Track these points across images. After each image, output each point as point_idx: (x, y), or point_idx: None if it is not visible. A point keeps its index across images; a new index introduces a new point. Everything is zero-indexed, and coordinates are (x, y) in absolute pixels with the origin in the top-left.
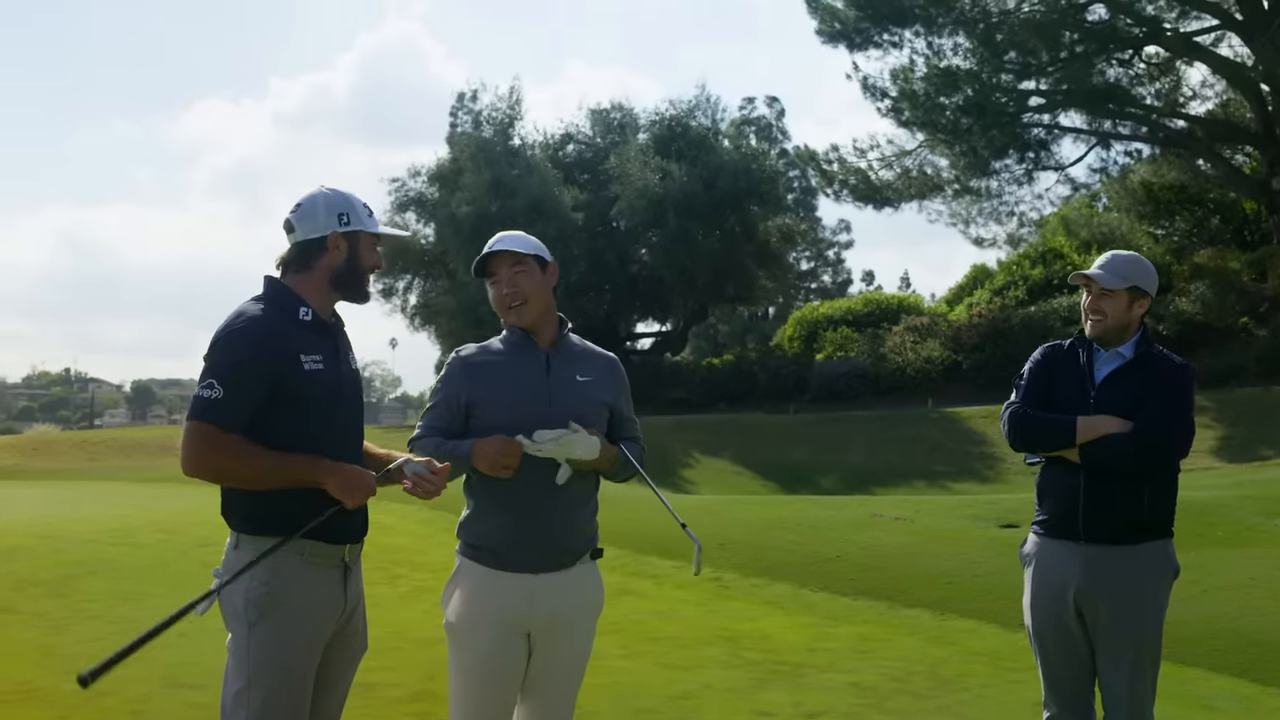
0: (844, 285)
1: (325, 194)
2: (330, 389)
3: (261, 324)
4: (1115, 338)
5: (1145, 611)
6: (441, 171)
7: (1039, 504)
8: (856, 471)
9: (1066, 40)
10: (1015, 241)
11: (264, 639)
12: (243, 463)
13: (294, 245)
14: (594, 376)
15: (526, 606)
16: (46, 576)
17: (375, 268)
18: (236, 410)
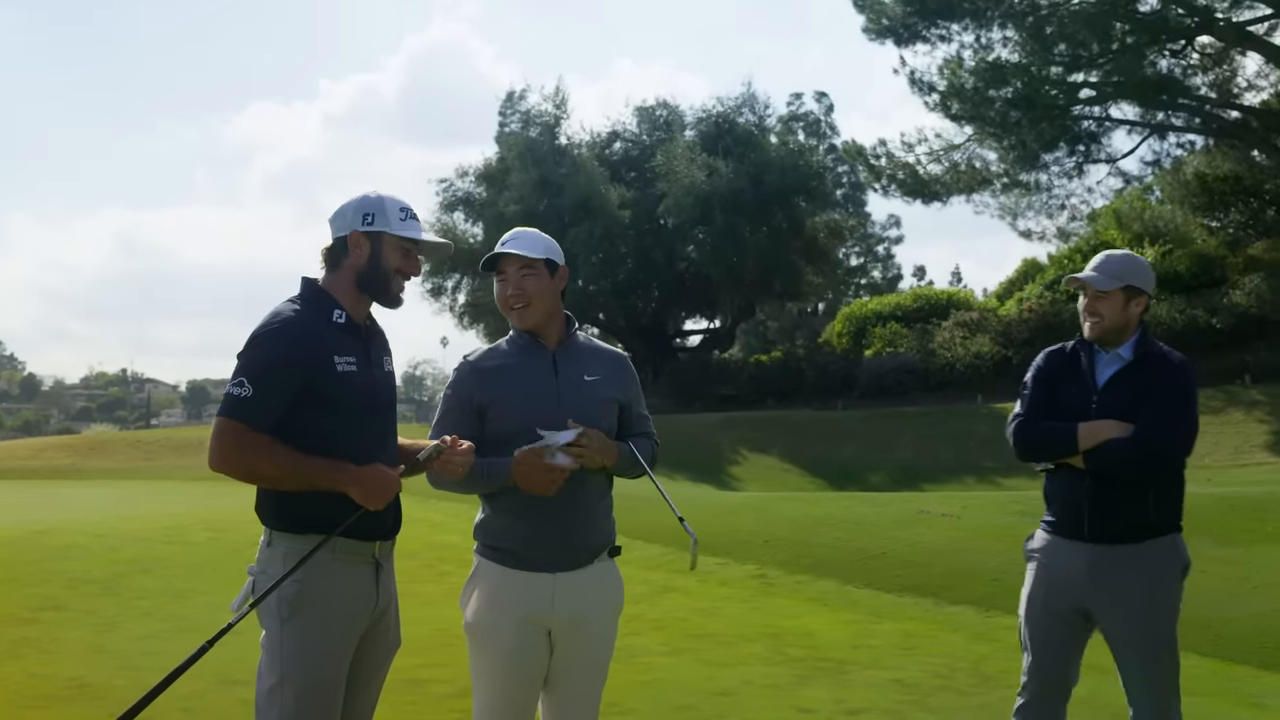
0: (894, 280)
1: (361, 196)
2: (363, 392)
3: (296, 325)
4: (1114, 338)
5: (1157, 609)
6: (489, 171)
7: (1048, 506)
8: (905, 468)
9: (1117, 31)
10: (1066, 235)
11: (297, 635)
12: (269, 462)
13: (329, 245)
14: (602, 375)
15: (547, 605)
16: (99, 574)
17: (402, 272)
18: (266, 409)
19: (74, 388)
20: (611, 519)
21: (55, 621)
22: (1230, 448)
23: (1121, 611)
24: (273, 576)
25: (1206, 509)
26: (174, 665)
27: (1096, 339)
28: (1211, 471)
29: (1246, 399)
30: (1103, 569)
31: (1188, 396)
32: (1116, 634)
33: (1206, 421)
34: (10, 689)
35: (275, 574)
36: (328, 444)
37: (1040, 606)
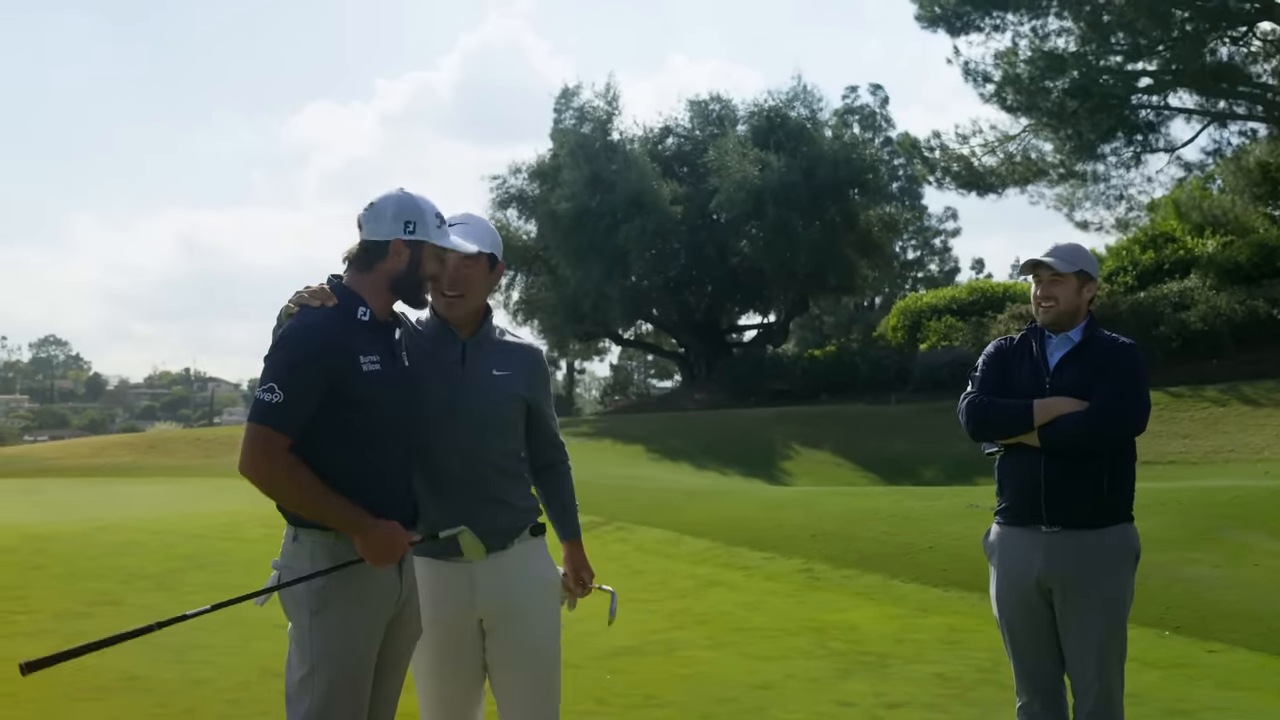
0: (951, 273)
1: (397, 197)
2: (387, 390)
3: (323, 326)
4: (1067, 322)
5: (1108, 596)
6: (542, 168)
7: (1000, 493)
8: (958, 462)
9: (1176, 19)
10: (1124, 225)
11: (326, 627)
12: (293, 482)
13: (360, 244)
14: (511, 370)
15: (468, 597)
16: (154, 570)
17: (435, 278)
18: (297, 414)
19: (138, 387)
20: (529, 497)
21: (109, 615)
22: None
23: (1075, 599)
24: (298, 571)
25: (1261, 501)
26: (221, 657)
27: (1050, 323)
28: (1270, 464)
29: None
30: (1058, 556)
31: (1137, 374)
32: (1070, 619)
33: (1267, 414)
34: (63, 681)
35: (301, 569)
36: (355, 444)
37: (1010, 605)
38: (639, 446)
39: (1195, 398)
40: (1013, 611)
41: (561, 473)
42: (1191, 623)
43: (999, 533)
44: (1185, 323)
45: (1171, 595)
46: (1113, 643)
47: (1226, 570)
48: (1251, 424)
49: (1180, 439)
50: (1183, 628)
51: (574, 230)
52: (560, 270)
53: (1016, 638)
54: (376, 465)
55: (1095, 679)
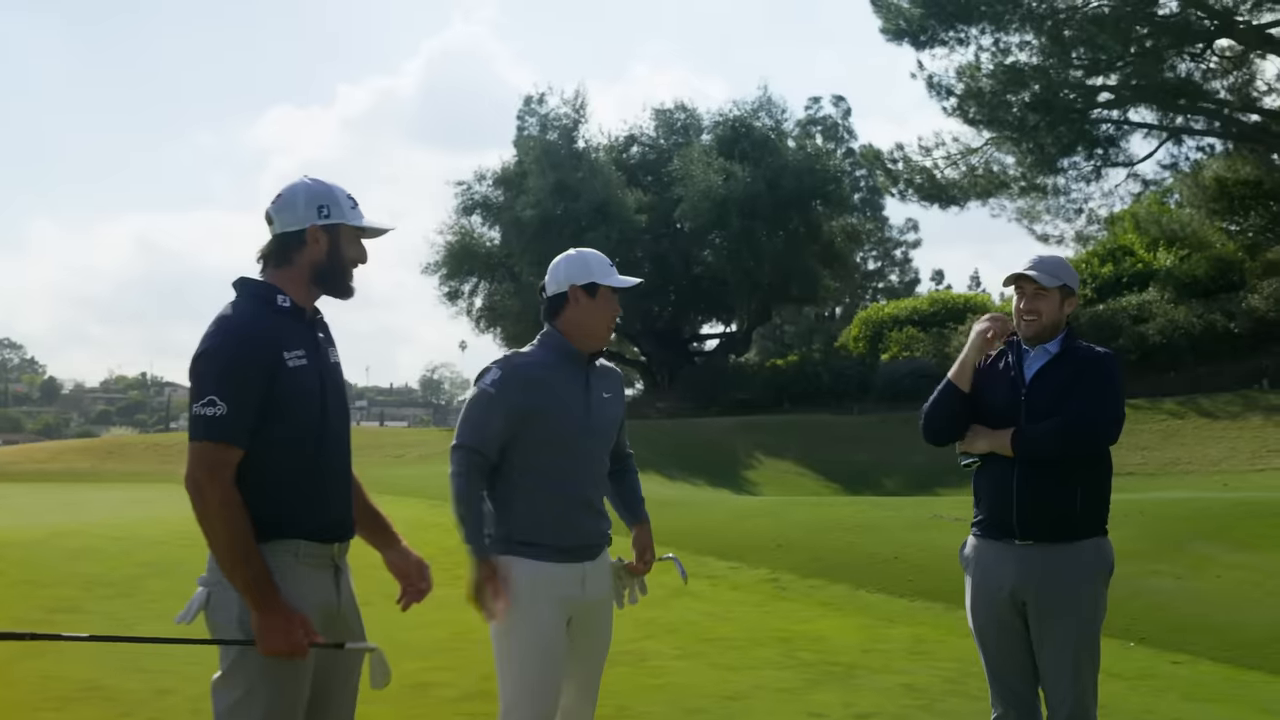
0: (912, 285)
1: (305, 184)
2: (315, 387)
3: (246, 326)
4: (1047, 336)
5: (1082, 610)
6: (507, 175)
7: (976, 505)
8: (920, 472)
9: (1136, 35)
10: (1084, 239)
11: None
12: (224, 520)
13: (273, 238)
14: (613, 393)
15: (579, 593)
16: (115, 577)
17: (358, 261)
18: (243, 424)
19: (94, 391)
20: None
21: (70, 624)
22: (1248, 452)
23: (1049, 612)
24: (229, 588)
25: (1222, 513)
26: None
27: (1032, 337)
28: (1228, 476)
29: (1264, 403)
30: (1032, 569)
31: (1112, 384)
32: (1044, 633)
33: (1224, 426)
34: (24, 690)
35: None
36: (285, 449)
37: (984, 617)
38: None
39: (1153, 410)
40: (987, 624)
41: (633, 469)
42: (1156, 634)
43: (974, 545)
44: (1144, 335)
45: (1136, 607)
46: (1087, 656)
47: (1189, 582)
48: (1208, 436)
49: (1138, 451)
50: (1147, 639)
51: (539, 237)
52: (524, 277)
53: (991, 650)
54: (311, 473)
55: (1069, 692)
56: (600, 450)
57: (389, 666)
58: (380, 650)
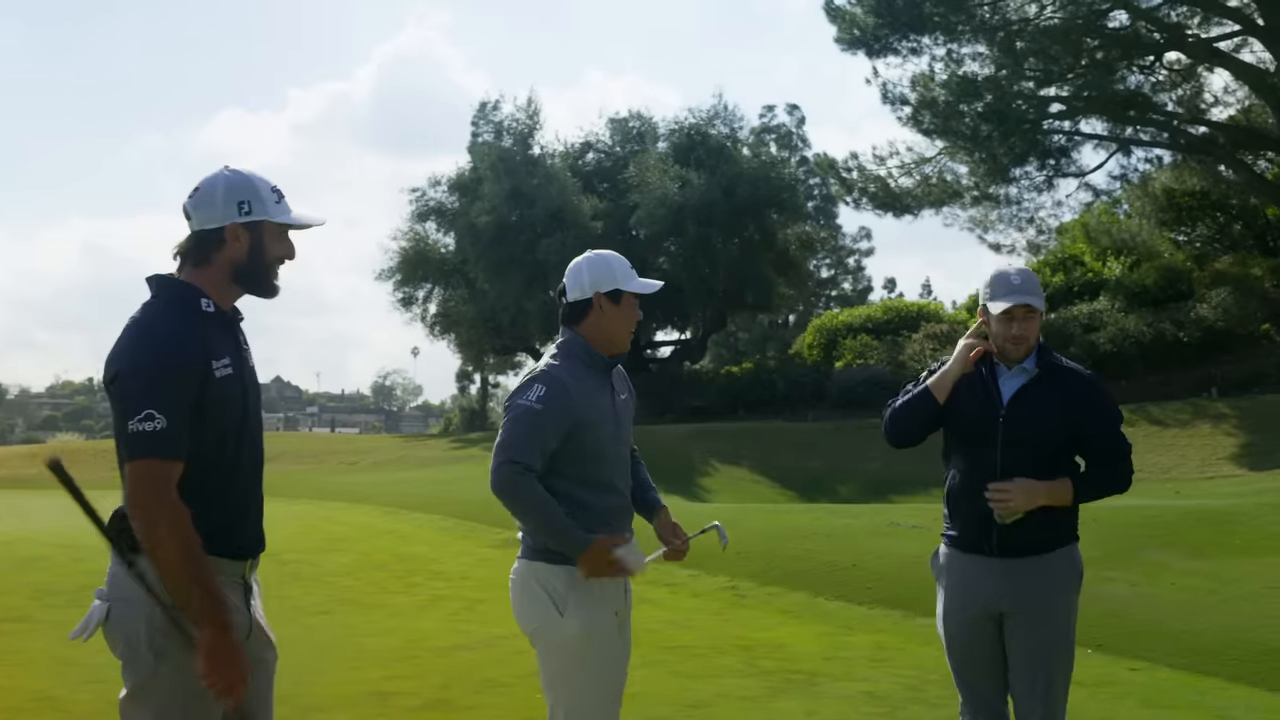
0: (864, 293)
1: (224, 177)
2: (239, 397)
3: (172, 331)
4: (1026, 355)
5: (1058, 620)
6: (461, 181)
7: (950, 517)
8: (875, 480)
9: (1087, 47)
10: (1035, 248)
11: (175, 668)
12: (175, 537)
13: (191, 236)
14: (627, 393)
15: (623, 597)
16: (65, 586)
17: (283, 259)
18: (183, 437)
19: (39, 396)
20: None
21: (20, 633)
22: (1197, 460)
23: (1028, 619)
24: (135, 604)
25: (1174, 521)
26: None
27: (1019, 359)
28: (1179, 484)
29: (1213, 412)
30: (1010, 579)
31: (1116, 408)
32: (1018, 643)
33: (1174, 434)
34: None
35: (138, 600)
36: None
37: (957, 628)
38: None
39: None
40: (961, 634)
41: (639, 460)
42: (1113, 641)
43: (949, 555)
44: (1095, 344)
45: (1093, 614)
46: (1062, 665)
47: (1145, 589)
48: (1159, 444)
49: None
50: (1105, 646)
51: (494, 244)
52: (479, 284)
53: (964, 660)
54: (227, 487)
55: (1041, 701)
56: (626, 452)
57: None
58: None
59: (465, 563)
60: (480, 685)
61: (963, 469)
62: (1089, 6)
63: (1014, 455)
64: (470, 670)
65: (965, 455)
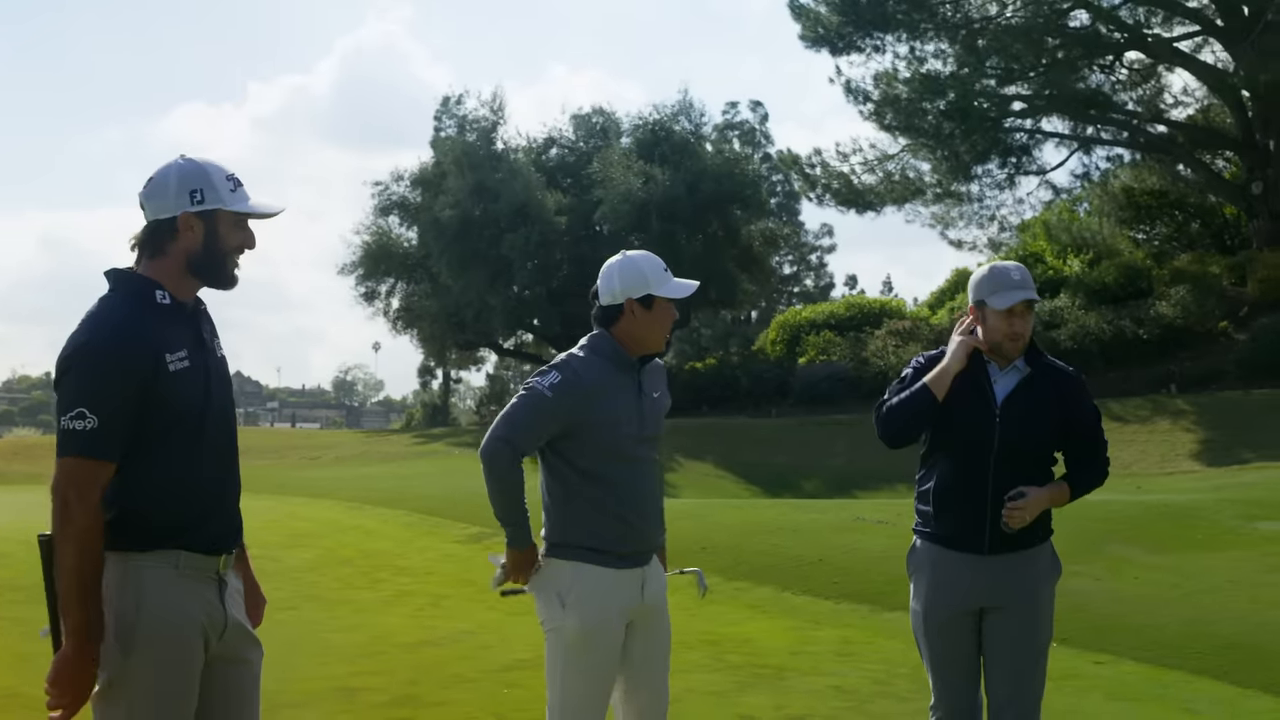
0: (826, 289)
1: (177, 165)
2: (199, 388)
3: (121, 328)
4: (1020, 352)
5: (1039, 614)
6: (425, 175)
7: (935, 515)
8: (839, 475)
9: (1049, 46)
10: (996, 246)
11: (142, 664)
12: (81, 547)
13: (145, 227)
14: (660, 390)
15: (639, 597)
16: (26, 582)
17: (241, 248)
18: (115, 437)
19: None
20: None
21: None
22: (1157, 456)
23: (1013, 614)
24: (104, 602)
25: (1137, 516)
26: None
27: (1014, 357)
28: (1140, 479)
29: (1173, 408)
30: (997, 579)
31: (1098, 411)
32: (998, 638)
33: (1134, 430)
34: None
35: (109, 599)
36: (165, 461)
37: (935, 621)
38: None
39: None
40: (941, 629)
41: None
42: (1079, 635)
43: (931, 551)
44: (1056, 341)
45: (1058, 608)
46: (1041, 658)
47: (1109, 583)
48: (1120, 440)
49: None
50: (1070, 640)
51: (457, 239)
52: (442, 279)
53: (942, 655)
54: (192, 480)
55: (1021, 694)
56: (653, 452)
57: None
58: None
59: (430, 558)
60: (448, 681)
61: (954, 468)
62: (1050, 6)
63: (1008, 455)
64: (437, 666)
65: (957, 455)
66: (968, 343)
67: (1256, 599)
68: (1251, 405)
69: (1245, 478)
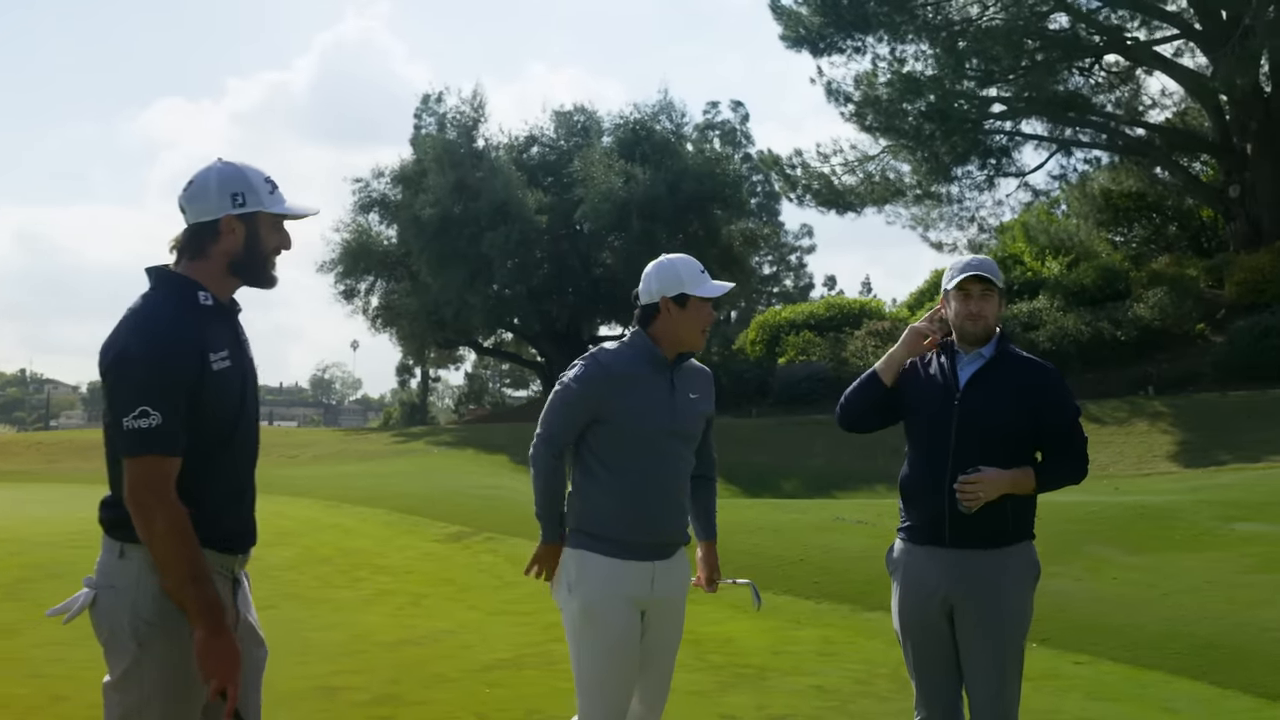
0: (806, 289)
1: (218, 169)
2: (237, 390)
3: (168, 324)
4: (984, 338)
5: (1010, 615)
6: (405, 173)
7: (904, 510)
8: (818, 475)
9: (1028, 48)
10: (975, 247)
11: (157, 657)
12: (174, 541)
13: (187, 229)
14: (701, 393)
15: (648, 590)
16: (1, 580)
17: (279, 249)
18: (179, 432)
19: None
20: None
21: None
22: (1134, 457)
23: (980, 616)
24: (123, 592)
25: (1115, 517)
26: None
27: (975, 340)
28: (1118, 480)
29: (1150, 410)
30: (962, 573)
31: (1077, 407)
32: (971, 637)
33: (1112, 432)
34: None
35: (127, 590)
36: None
37: (913, 621)
38: (502, 456)
39: None
40: (916, 628)
41: (712, 482)
42: (1058, 635)
43: (903, 549)
44: (1034, 342)
45: (1038, 608)
46: (1013, 660)
47: (1088, 584)
48: (1097, 441)
49: None
50: (1050, 640)
51: (437, 237)
52: (422, 277)
53: (919, 654)
54: (215, 480)
55: (994, 696)
56: (684, 450)
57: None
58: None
59: (410, 557)
60: (429, 680)
61: (919, 457)
62: (1030, 8)
63: (969, 440)
64: (418, 665)
65: (922, 443)
66: (917, 329)
67: (1234, 599)
68: (1228, 407)
69: (1222, 479)
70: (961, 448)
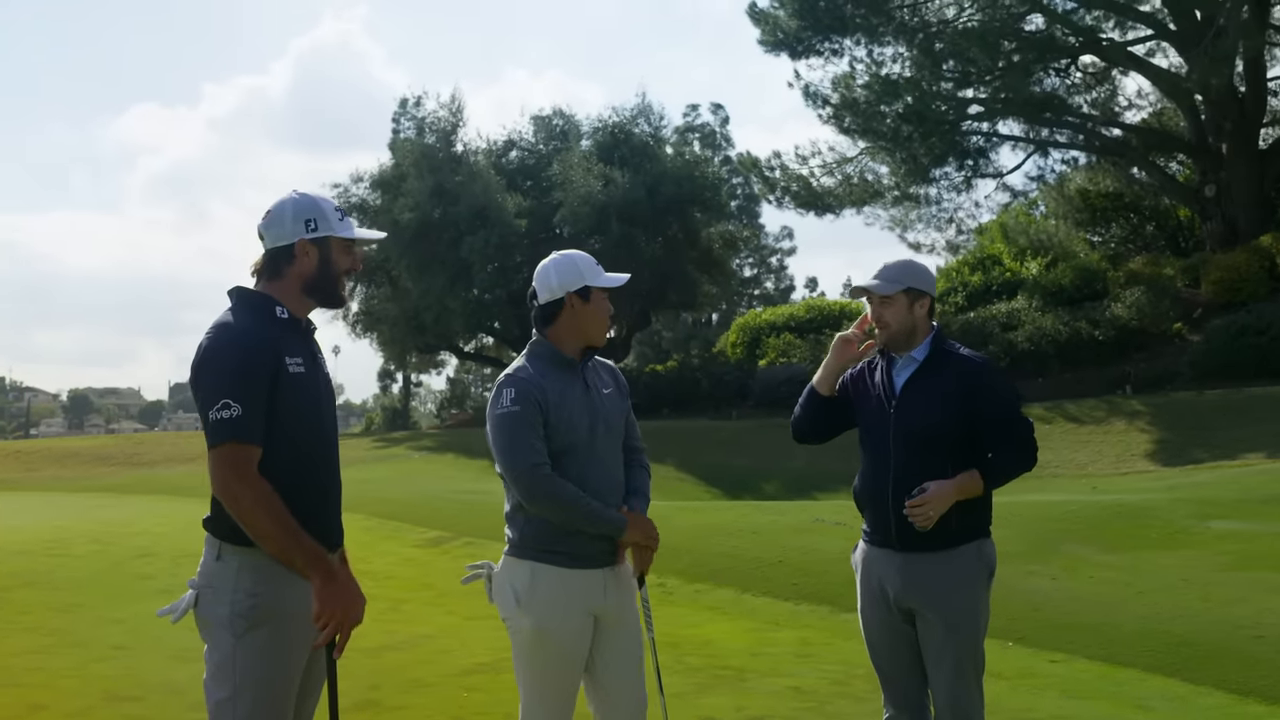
0: (787, 291)
1: (293, 199)
2: (312, 393)
3: (246, 329)
4: (905, 343)
5: (962, 614)
6: (384, 177)
7: (860, 512)
8: (799, 477)
9: (1004, 49)
10: (954, 248)
11: (250, 650)
12: (264, 509)
13: (265, 254)
14: (613, 387)
15: (601, 598)
16: None
17: (350, 271)
18: (260, 423)
19: None
20: None
21: None
22: (1113, 456)
23: (932, 614)
24: (221, 591)
25: (1092, 516)
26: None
27: (885, 345)
28: (1095, 480)
29: (1128, 409)
30: (913, 576)
31: (1013, 392)
32: (929, 636)
33: (1090, 431)
34: None
35: (225, 589)
36: (291, 460)
37: (872, 621)
38: (484, 461)
39: None
40: (876, 629)
41: (643, 463)
42: (1034, 633)
43: (863, 551)
44: (1013, 342)
45: (1014, 607)
46: (969, 659)
47: (1064, 583)
48: (1075, 440)
49: None
50: (1025, 639)
51: (417, 241)
52: (402, 282)
53: (880, 654)
54: (300, 482)
55: (953, 695)
56: (612, 449)
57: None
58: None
59: (390, 562)
60: (408, 685)
61: (865, 465)
62: (1006, 10)
63: (907, 444)
64: (397, 670)
65: (867, 450)
66: (844, 337)
67: (1209, 597)
68: (1204, 406)
69: (1199, 477)
70: (901, 455)
